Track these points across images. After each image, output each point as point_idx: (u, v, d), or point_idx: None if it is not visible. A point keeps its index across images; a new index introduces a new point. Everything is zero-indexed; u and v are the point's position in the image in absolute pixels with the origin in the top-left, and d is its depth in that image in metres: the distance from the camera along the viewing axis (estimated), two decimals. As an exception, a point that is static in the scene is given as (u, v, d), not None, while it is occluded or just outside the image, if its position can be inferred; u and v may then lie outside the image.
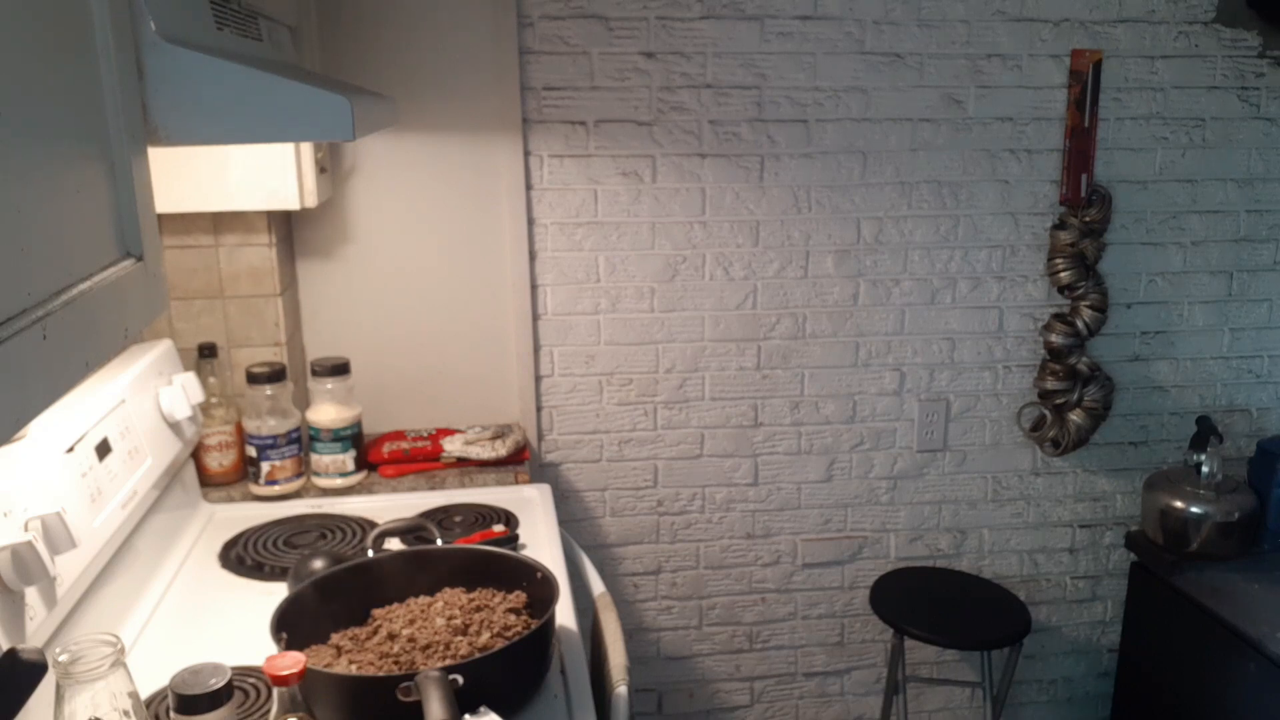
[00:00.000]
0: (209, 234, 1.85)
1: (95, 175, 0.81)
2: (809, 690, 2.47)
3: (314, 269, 2.07)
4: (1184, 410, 2.42)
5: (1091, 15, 2.17)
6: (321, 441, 1.87)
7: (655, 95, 2.08)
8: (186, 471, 1.76)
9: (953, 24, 2.13)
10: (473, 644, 1.20)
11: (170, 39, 0.92)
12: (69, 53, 0.77)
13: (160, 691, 1.22)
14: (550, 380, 2.19)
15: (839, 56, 2.11)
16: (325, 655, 1.22)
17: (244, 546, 1.66)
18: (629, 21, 2.04)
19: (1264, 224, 2.34)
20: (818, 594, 2.42)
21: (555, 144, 2.08)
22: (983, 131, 2.20)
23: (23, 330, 0.63)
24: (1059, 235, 2.25)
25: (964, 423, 2.36)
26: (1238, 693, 2.08)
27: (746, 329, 2.23)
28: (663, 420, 2.25)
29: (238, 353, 1.91)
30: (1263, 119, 2.28)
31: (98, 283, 0.77)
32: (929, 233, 2.24)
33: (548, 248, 2.13)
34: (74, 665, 0.85)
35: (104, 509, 1.31)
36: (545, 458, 2.23)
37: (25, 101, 0.68)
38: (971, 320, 2.30)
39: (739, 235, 2.18)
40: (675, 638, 2.39)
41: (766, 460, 2.31)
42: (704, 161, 2.13)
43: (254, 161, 1.68)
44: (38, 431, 1.23)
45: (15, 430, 0.63)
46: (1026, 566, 2.48)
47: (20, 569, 1.06)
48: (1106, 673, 2.57)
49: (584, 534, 2.28)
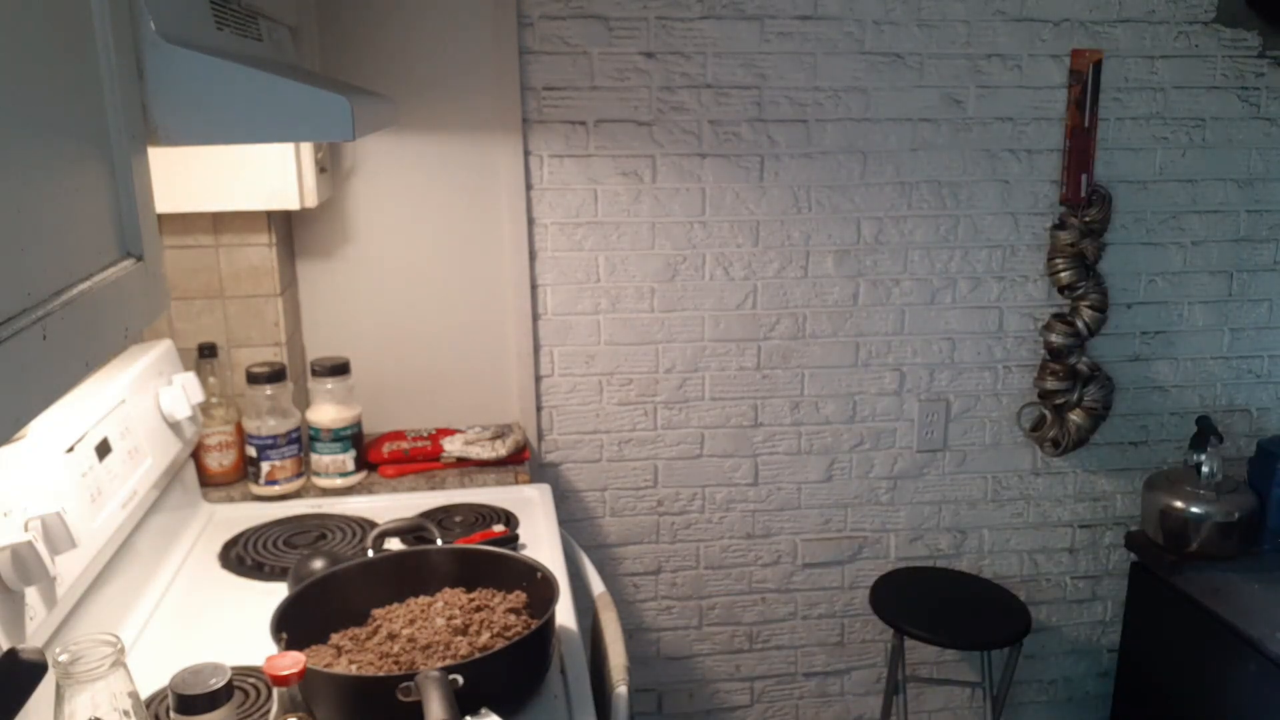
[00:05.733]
0: (209, 234, 1.85)
1: (95, 175, 0.81)
2: (809, 690, 2.48)
3: (314, 269, 2.07)
4: (1184, 410, 2.42)
5: (1091, 15, 2.17)
6: (321, 441, 1.87)
7: (655, 95, 2.08)
8: (186, 471, 1.76)
9: (953, 24, 2.13)
10: (473, 644, 1.20)
11: (170, 39, 0.92)
12: (69, 53, 0.77)
13: (160, 691, 1.22)
14: (550, 380, 2.19)
15: (839, 56, 2.12)
16: (325, 655, 1.22)
17: (244, 546, 1.66)
18: (629, 21, 2.04)
19: (1264, 224, 2.34)
20: (818, 594, 2.42)
21: (555, 144, 2.08)
22: (983, 131, 2.20)
23: (23, 330, 0.63)
24: (1059, 235, 2.25)
25: (964, 423, 2.36)
26: (1238, 693, 2.08)
27: (746, 329, 2.23)
28: (663, 420, 2.25)
29: (238, 353, 1.91)
30: (1263, 119, 2.28)
31: (98, 283, 0.77)
32: (929, 233, 2.24)
33: (548, 248, 2.13)
34: (74, 665, 0.85)
35: (104, 509, 1.31)
36: (545, 458, 2.23)
37: (25, 101, 0.68)
38: (971, 320, 2.30)
39: (739, 235, 2.18)
40: (675, 638, 2.39)
41: (766, 460, 2.31)
42: (704, 161, 2.13)
43: (254, 161, 1.68)
44: (38, 431, 1.23)
45: (15, 430, 0.63)
46: (1026, 566, 2.48)
47: (20, 569, 1.06)
48: (1106, 673, 2.57)
49: (584, 534, 2.28)
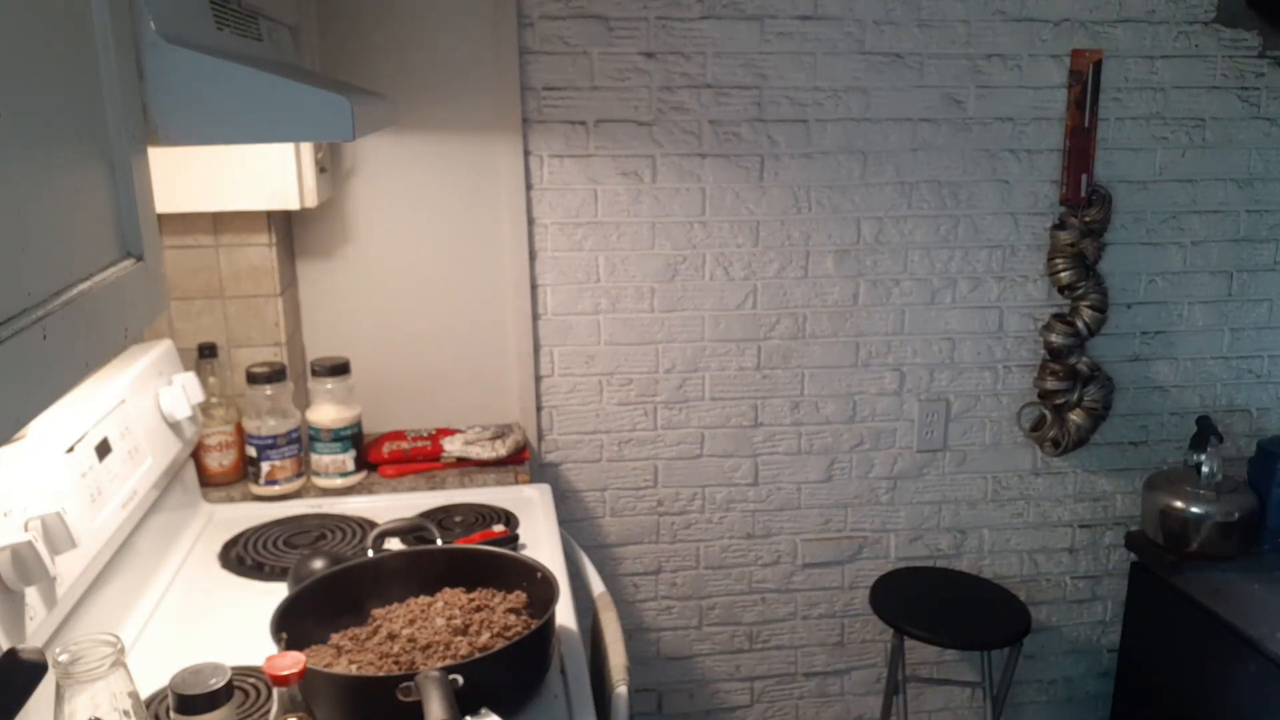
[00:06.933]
0: (209, 234, 1.85)
1: (95, 175, 0.81)
2: (809, 690, 2.47)
3: (314, 269, 2.07)
4: (1184, 410, 2.42)
5: (1091, 15, 2.17)
6: (321, 441, 1.87)
7: (655, 95, 2.08)
8: (186, 471, 1.76)
9: (953, 24, 2.13)
10: (473, 644, 1.20)
11: (170, 39, 0.92)
12: (69, 53, 0.77)
13: (160, 691, 1.22)
14: (550, 380, 2.19)
15: (839, 56, 2.12)
16: (325, 655, 1.22)
17: (244, 546, 1.66)
18: (629, 21, 2.04)
19: (1264, 224, 2.34)
20: (818, 594, 2.42)
21: (555, 144, 2.08)
22: (983, 131, 2.20)
23: (23, 330, 0.63)
24: (1059, 235, 2.25)
25: (964, 423, 2.36)
26: (1238, 693, 2.08)
27: (746, 329, 2.23)
28: (663, 420, 2.25)
29: (238, 353, 1.91)
30: (1263, 119, 2.28)
31: (98, 283, 0.77)
32: (929, 233, 2.24)
33: (548, 248, 2.13)
34: (74, 665, 0.85)
35: (104, 509, 1.31)
36: (545, 458, 2.23)
37: (26, 101, 0.68)
38: (971, 320, 2.30)
39: (739, 235, 2.18)
40: (675, 638, 2.39)
41: (766, 460, 2.31)
42: (704, 161, 2.13)
43: (254, 161, 1.68)
44: (38, 431, 1.23)
45: (15, 430, 0.63)
46: (1026, 566, 2.48)
47: (20, 569, 1.06)
48: (1106, 673, 2.57)
49: (584, 534, 2.28)
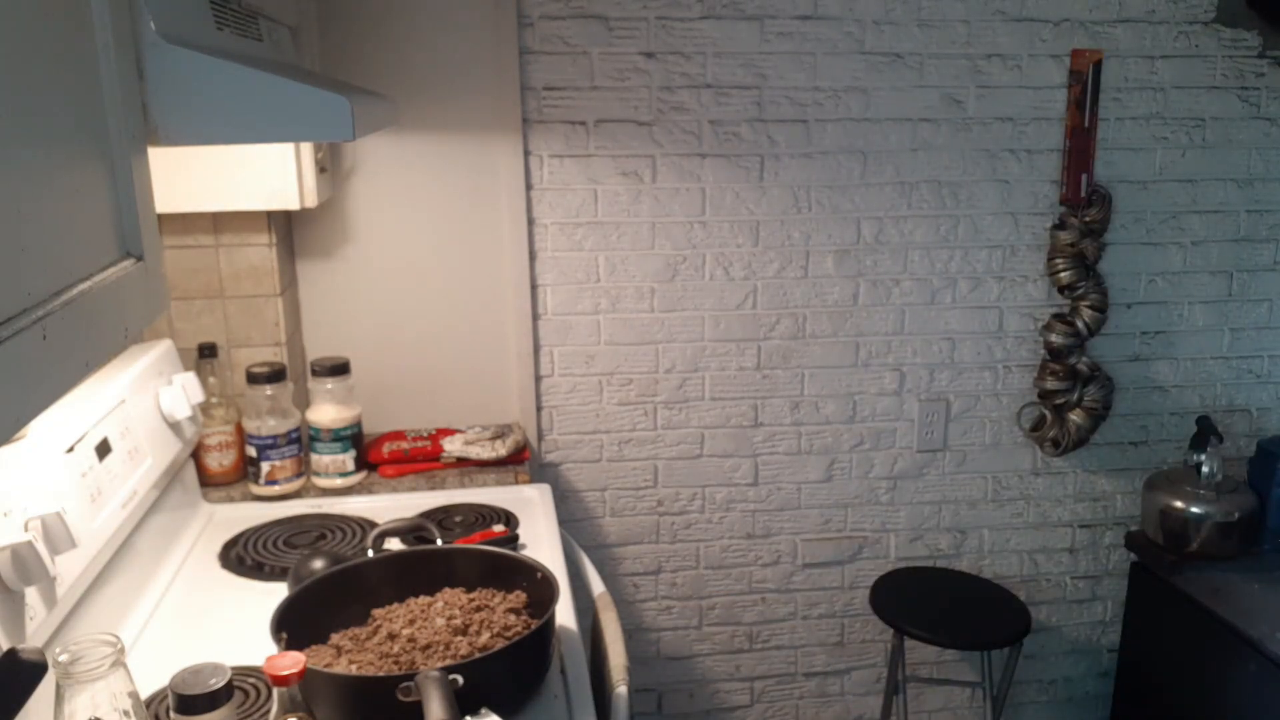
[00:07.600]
0: (209, 234, 1.85)
1: (95, 175, 0.81)
2: (809, 690, 2.47)
3: (314, 269, 2.07)
4: (1184, 410, 2.42)
5: (1091, 15, 2.17)
6: (321, 441, 1.87)
7: (655, 95, 2.08)
8: (186, 471, 1.76)
9: (953, 24, 2.13)
10: (473, 644, 1.20)
11: (170, 39, 0.92)
12: (69, 53, 0.77)
13: (160, 691, 1.22)
14: (550, 380, 2.19)
15: (839, 56, 2.11)
16: (325, 655, 1.22)
17: (244, 546, 1.66)
18: (629, 21, 2.04)
19: (1264, 224, 2.34)
20: (818, 594, 2.42)
21: (555, 144, 2.08)
22: (983, 131, 2.20)
23: (23, 330, 0.63)
24: (1059, 235, 2.25)
25: (964, 423, 2.36)
26: (1238, 693, 2.08)
27: (746, 329, 2.23)
28: (663, 420, 2.25)
29: (238, 353, 1.91)
30: (1263, 119, 2.28)
31: (98, 283, 0.77)
32: (929, 233, 2.24)
33: (548, 248, 2.13)
34: (74, 665, 0.85)
35: (104, 509, 1.31)
36: (545, 458, 2.23)
37: (26, 101, 0.68)
38: (971, 320, 2.30)
39: (739, 235, 2.18)
40: (675, 638, 2.39)
41: (766, 460, 2.31)
42: (704, 161, 2.13)
43: (254, 161, 1.68)
44: (38, 431, 1.23)
45: (15, 430, 0.63)
46: (1026, 566, 2.48)
47: (20, 569, 1.06)
48: (1106, 673, 2.57)
49: (584, 534, 2.28)
